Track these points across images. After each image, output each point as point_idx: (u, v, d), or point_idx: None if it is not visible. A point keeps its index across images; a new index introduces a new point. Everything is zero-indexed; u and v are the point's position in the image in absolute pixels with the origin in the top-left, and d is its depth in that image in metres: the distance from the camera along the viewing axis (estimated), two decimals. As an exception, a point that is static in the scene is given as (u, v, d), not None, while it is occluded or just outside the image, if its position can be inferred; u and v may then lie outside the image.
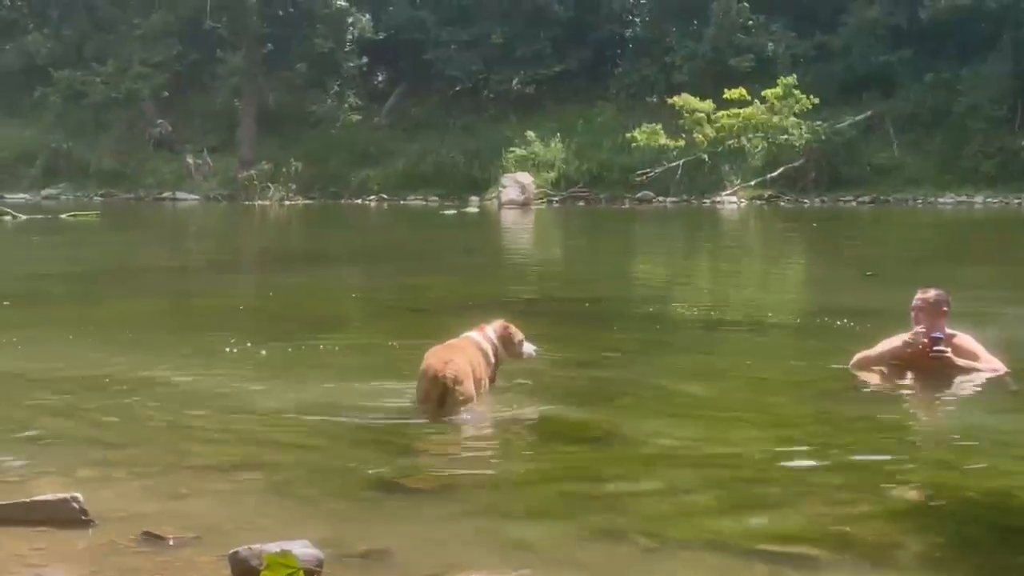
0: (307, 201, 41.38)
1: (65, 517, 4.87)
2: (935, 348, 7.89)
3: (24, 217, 30.44)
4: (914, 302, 8.11)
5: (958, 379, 7.86)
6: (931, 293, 8.11)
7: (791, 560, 4.53)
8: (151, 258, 21.11)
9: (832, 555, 4.59)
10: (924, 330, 7.95)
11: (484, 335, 7.45)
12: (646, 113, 42.49)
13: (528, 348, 7.64)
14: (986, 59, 39.96)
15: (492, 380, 7.39)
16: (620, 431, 6.71)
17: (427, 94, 47.32)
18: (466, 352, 7.21)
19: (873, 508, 5.19)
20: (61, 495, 4.96)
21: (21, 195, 42.14)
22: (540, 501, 5.34)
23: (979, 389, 7.78)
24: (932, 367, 7.97)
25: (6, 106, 47.17)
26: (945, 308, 8.08)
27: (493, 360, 7.41)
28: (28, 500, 4.97)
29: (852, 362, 8.26)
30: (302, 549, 4.21)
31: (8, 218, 30.14)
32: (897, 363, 8.15)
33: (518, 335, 7.55)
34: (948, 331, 8.08)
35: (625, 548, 4.69)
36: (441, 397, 6.81)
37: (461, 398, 6.85)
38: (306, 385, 7.96)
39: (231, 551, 4.27)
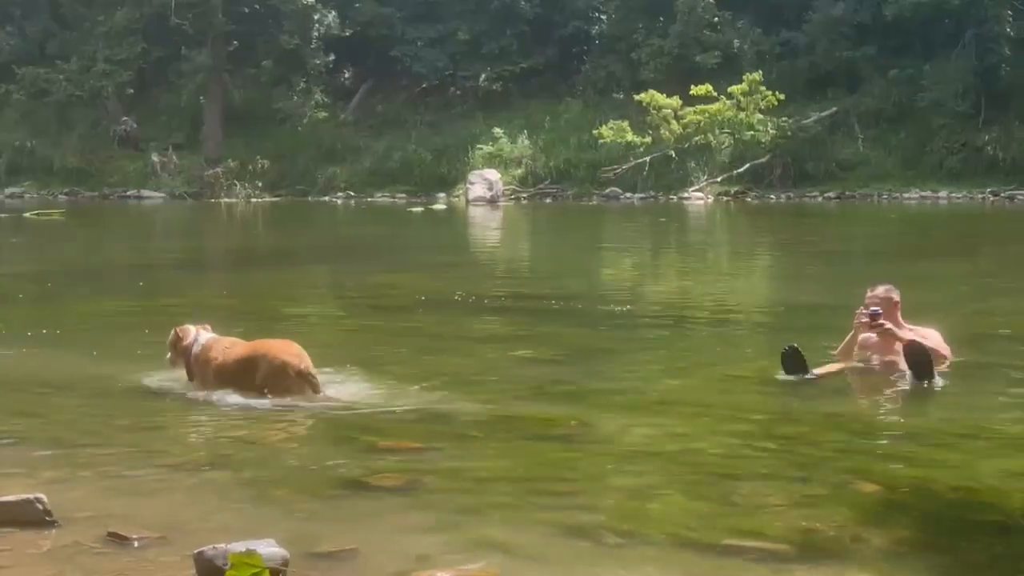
0: (274, 199, 41.22)
1: (29, 518, 4.85)
2: (874, 320, 8.06)
3: (-13, 216, 30.19)
4: (865, 299, 8.27)
5: (913, 369, 7.91)
6: (879, 289, 8.33)
7: (758, 555, 4.57)
8: (116, 257, 21.00)
9: (798, 550, 4.63)
10: (862, 309, 8.14)
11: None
12: (613, 110, 42.54)
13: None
14: (949, 55, 40.24)
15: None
16: (587, 428, 6.73)
17: (394, 91, 47.21)
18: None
19: (838, 503, 5.24)
20: (25, 496, 4.93)
21: (-16, 194, 41.86)
22: (506, 498, 5.35)
23: (944, 384, 7.86)
24: (883, 344, 8.13)
25: (-31, 104, 46.81)
26: (896, 299, 8.26)
27: None
28: (-9, 501, 4.94)
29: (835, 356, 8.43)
30: (267, 548, 4.20)
31: (-29, 217, 29.90)
32: (862, 350, 8.31)
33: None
34: (905, 323, 8.23)
35: (592, 544, 4.71)
36: (314, 387, 7.37)
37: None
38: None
39: (196, 551, 4.26)
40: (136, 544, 4.64)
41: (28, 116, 45.36)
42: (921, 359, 7.80)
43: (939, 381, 7.83)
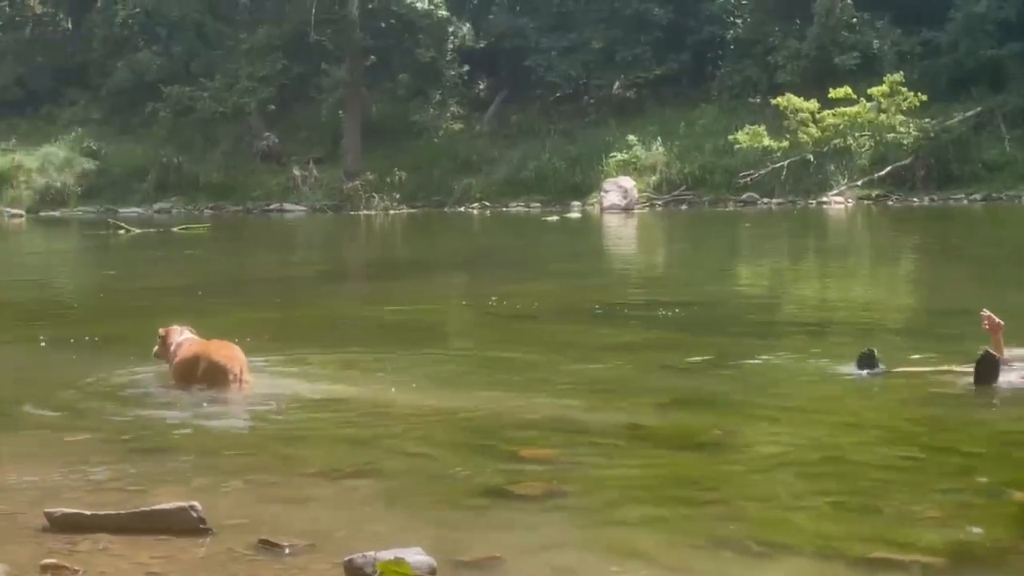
0: (411, 210, 41.72)
1: (184, 526, 4.98)
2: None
3: (137, 231, 31.17)
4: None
5: None
6: None
7: (909, 568, 4.46)
8: (260, 269, 21.48)
9: (952, 563, 4.52)
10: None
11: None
12: (749, 114, 42.04)
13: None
14: (1099, 51, 38.89)
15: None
16: (729, 437, 6.67)
17: (528, 101, 47.42)
18: None
19: (991, 514, 5.10)
20: (180, 503, 5.07)
21: (134, 209, 43.11)
22: (649, 507, 5.32)
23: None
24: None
25: (119, 123, 48.33)
26: None
27: None
28: (148, 509, 5.09)
29: None
30: (415, 556, 4.26)
31: (122, 232, 30.89)
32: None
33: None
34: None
35: (737, 555, 4.66)
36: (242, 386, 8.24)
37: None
38: (414, 392, 8.05)
39: (346, 558, 4.34)
40: (287, 551, 4.74)
41: (174, 133, 46.69)
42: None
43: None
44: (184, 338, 8.78)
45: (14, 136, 47.80)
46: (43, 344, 10.53)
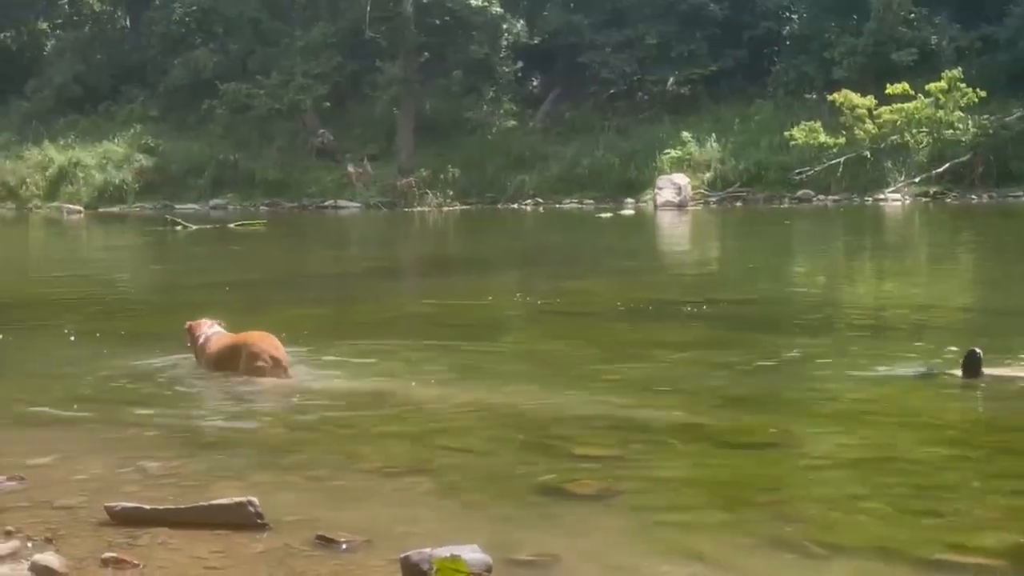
0: (464, 207, 41.80)
1: (242, 521, 5.02)
2: None
3: (194, 227, 31.46)
4: None
5: None
6: None
7: (973, 571, 4.41)
8: (315, 265, 21.62)
9: (1011, 566, 4.45)
10: None
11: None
12: (804, 110, 41.73)
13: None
14: None
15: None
16: (785, 436, 6.61)
17: (581, 97, 47.36)
18: None
19: (1054, 517, 5.02)
20: (238, 499, 5.10)
21: (190, 206, 43.56)
22: (706, 507, 5.29)
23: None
24: None
25: (176, 120, 48.82)
26: None
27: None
28: (207, 504, 5.13)
29: None
30: (472, 554, 4.26)
31: (179, 228, 31.20)
32: None
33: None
34: None
35: (797, 556, 4.62)
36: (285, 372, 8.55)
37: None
38: (469, 388, 8.06)
39: (402, 554, 4.35)
40: (344, 547, 4.76)
41: (231, 130, 47.10)
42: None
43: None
44: (214, 331, 9.05)
45: (73, 133, 48.45)
46: (99, 338, 10.66)
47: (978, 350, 7.93)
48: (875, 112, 38.69)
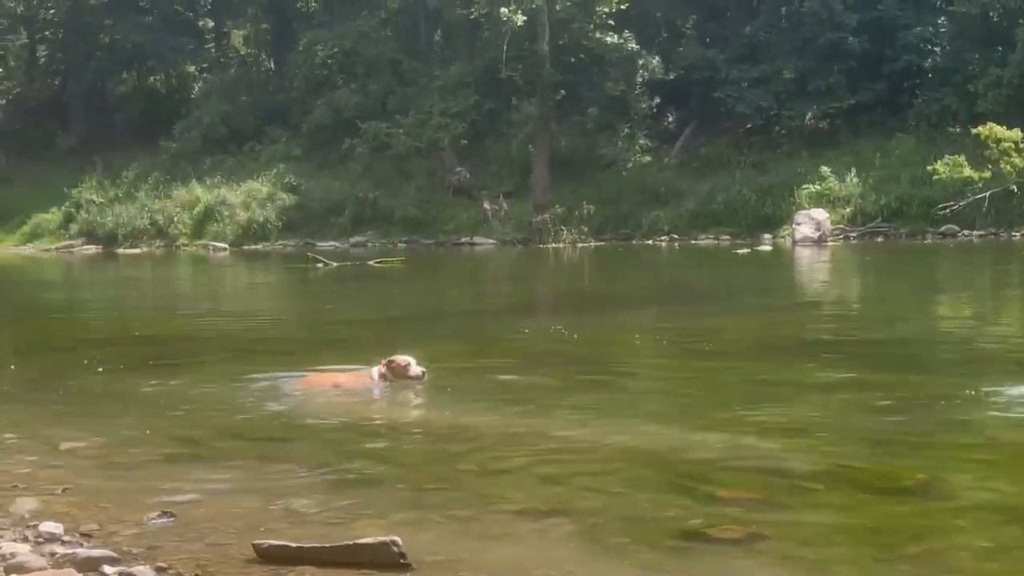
0: (599, 243, 41.77)
1: (386, 560, 5.07)
2: None
3: (335, 264, 32.03)
4: None
5: None
6: None
7: None
8: (455, 301, 21.79)
9: None
10: None
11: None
12: (947, 144, 40.78)
13: (416, 370, 9.86)
14: None
15: None
16: (934, 482, 6.43)
17: (717, 132, 47.05)
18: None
19: None
20: (382, 538, 5.16)
21: (331, 243, 44.36)
22: (854, 556, 5.18)
23: None
24: None
25: (318, 159, 49.86)
26: None
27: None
28: (352, 543, 5.20)
29: None
30: (615, 599, 4.23)
31: (320, 265, 31.79)
32: None
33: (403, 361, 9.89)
34: None
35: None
36: None
37: None
38: (608, 428, 8.03)
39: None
40: (486, 589, 4.78)
41: (370, 168, 47.89)
42: None
43: None
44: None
45: (219, 173, 49.82)
46: (246, 374, 10.89)
47: None
48: (1022, 145, 37.62)
